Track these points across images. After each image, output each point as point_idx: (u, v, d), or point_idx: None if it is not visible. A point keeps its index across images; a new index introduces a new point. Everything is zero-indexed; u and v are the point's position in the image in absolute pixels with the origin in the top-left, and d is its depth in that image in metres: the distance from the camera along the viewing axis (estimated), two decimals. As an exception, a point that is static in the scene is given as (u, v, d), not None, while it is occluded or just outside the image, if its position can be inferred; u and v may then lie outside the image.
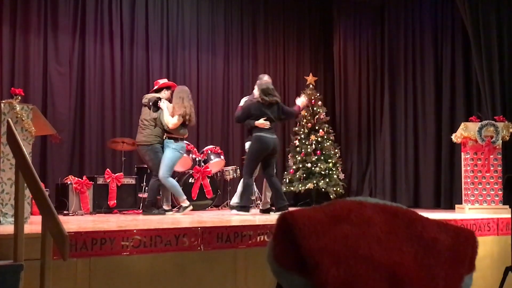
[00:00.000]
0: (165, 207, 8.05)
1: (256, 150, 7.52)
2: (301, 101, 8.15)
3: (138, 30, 10.47)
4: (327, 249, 0.85)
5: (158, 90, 8.18)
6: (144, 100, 8.16)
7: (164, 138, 7.91)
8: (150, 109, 7.96)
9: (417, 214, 0.93)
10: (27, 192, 4.53)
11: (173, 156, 7.78)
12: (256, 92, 7.85)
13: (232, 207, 8.10)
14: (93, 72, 9.99)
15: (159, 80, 8.54)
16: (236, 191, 8.30)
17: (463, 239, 0.91)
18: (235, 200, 8.14)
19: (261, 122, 7.48)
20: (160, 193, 8.21)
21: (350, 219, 0.89)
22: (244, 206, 7.59)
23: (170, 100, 8.03)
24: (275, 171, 7.85)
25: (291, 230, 0.88)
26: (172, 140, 7.82)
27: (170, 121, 7.74)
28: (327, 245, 0.85)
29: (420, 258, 0.87)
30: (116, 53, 10.20)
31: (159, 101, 7.92)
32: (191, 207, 7.86)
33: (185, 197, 7.89)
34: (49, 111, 9.40)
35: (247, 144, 7.91)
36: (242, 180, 7.86)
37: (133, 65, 10.40)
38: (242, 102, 8.30)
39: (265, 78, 8.16)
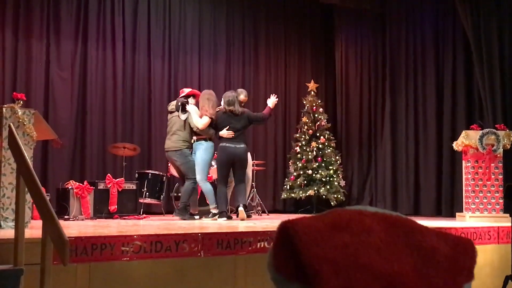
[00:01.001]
0: (192, 211, 8.10)
1: (220, 159, 7.92)
2: (271, 101, 8.31)
3: (140, 35, 10.49)
4: (327, 258, 0.85)
5: (185, 98, 8.26)
6: (172, 107, 8.25)
7: (193, 141, 8.06)
8: (178, 111, 8.02)
9: (416, 223, 0.93)
10: (28, 197, 4.54)
11: (205, 157, 7.93)
12: (222, 102, 8.15)
13: (213, 215, 8.07)
14: (95, 77, 10.01)
15: (184, 89, 8.64)
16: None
17: (462, 249, 0.91)
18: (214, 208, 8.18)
19: (224, 133, 7.84)
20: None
21: (350, 228, 0.89)
22: (221, 212, 7.77)
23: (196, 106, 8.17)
24: (243, 178, 8.10)
25: (292, 238, 0.87)
26: (202, 141, 7.98)
27: (200, 121, 7.87)
28: (327, 254, 0.85)
29: (419, 267, 0.87)
30: (118, 59, 10.22)
31: (186, 104, 8.03)
32: (217, 216, 7.79)
33: (216, 204, 7.89)
34: (50, 116, 9.41)
35: None
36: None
37: (135, 70, 10.41)
38: None
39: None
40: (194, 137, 8.09)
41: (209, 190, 7.93)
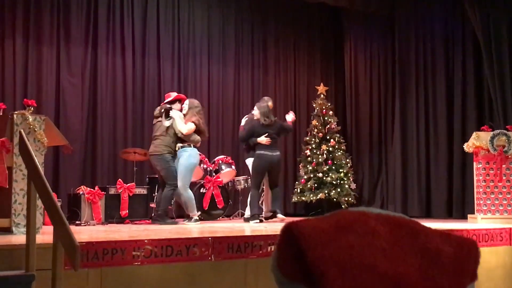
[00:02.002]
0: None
1: (257, 166, 8.33)
2: (290, 117, 8.88)
3: (149, 41, 10.53)
4: (332, 259, 0.85)
5: (171, 103, 8.26)
6: (157, 112, 8.26)
7: (177, 148, 8.01)
8: (162, 116, 8.03)
9: (420, 225, 0.93)
10: (39, 203, 4.56)
11: (188, 165, 7.93)
12: (256, 112, 8.58)
13: (245, 220, 8.59)
14: (105, 83, 10.05)
15: (170, 93, 8.64)
16: (247, 204, 8.76)
17: (466, 250, 0.91)
18: (248, 213, 8.61)
19: (262, 139, 8.27)
20: (173, 203, 8.36)
21: (355, 229, 0.89)
22: (253, 215, 8.23)
23: (181, 111, 8.18)
24: (277, 183, 8.68)
25: (296, 240, 0.87)
26: (185, 148, 7.97)
27: (184, 127, 7.89)
28: (332, 255, 0.85)
29: (424, 269, 0.87)
30: (128, 64, 10.26)
31: (170, 110, 8.01)
32: (199, 222, 8.04)
33: (196, 212, 8.06)
34: (61, 122, 9.46)
35: (248, 161, 8.73)
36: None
37: (144, 75, 10.45)
38: (243, 122, 9.07)
39: (269, 103, 8.73)
40: (179, 144, 8.03)
41: (190, 198, 7.95)
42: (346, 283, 0.85)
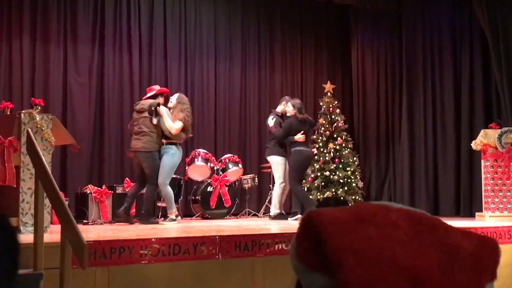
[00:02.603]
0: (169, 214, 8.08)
1: (299, 162, 8.42)
2: None
3: (156, 40, 10.55)
4: (351, 249, 0.85)
5: (154, 97, 8.14)
6: (142, 106, 8.00)
7: (162, 144, 7.89)
8: (151, 115, 7.84)
9: (441, 221, 0.93)
10: (47, 202, 4.57)
11: (172, 162, 7.84)
12: (289, 109, 8.60)
13: (272, 217, 8.63)
14: (112, 82, 10.08)
15: (153, 87, 8.50)
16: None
17: (487, 247, 0.91)
18: (275, 211, 8.66)
19: (299, 137, 8.38)
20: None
21: (375, 221, 0.89)
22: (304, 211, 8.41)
23: (164, 105, 8.06)
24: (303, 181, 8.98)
25: (317, 228, 0.87)
26: (172, 146, 7.87)
27: (173, 126, 7.76)
28: (352, 244, 0.85)
29: (443, 263, 0.87)
30: (135, 63, 10.28)
31: (158, 107, 7.87)
32: (176, 222, 7.83)
33: (175, 210, 7.94)
34: (68, 121, 9.49)
35: (272, 158, 8.64)
36: (291, 190, 8.66)
37: (151, 74, 10.47)
38: (270, 121, 8.83)
39: (297, 100, 8.93)
40: (163, 140, 7.90)
41: (169, 195, 7.83)
42: (364, 274, 0.84)
